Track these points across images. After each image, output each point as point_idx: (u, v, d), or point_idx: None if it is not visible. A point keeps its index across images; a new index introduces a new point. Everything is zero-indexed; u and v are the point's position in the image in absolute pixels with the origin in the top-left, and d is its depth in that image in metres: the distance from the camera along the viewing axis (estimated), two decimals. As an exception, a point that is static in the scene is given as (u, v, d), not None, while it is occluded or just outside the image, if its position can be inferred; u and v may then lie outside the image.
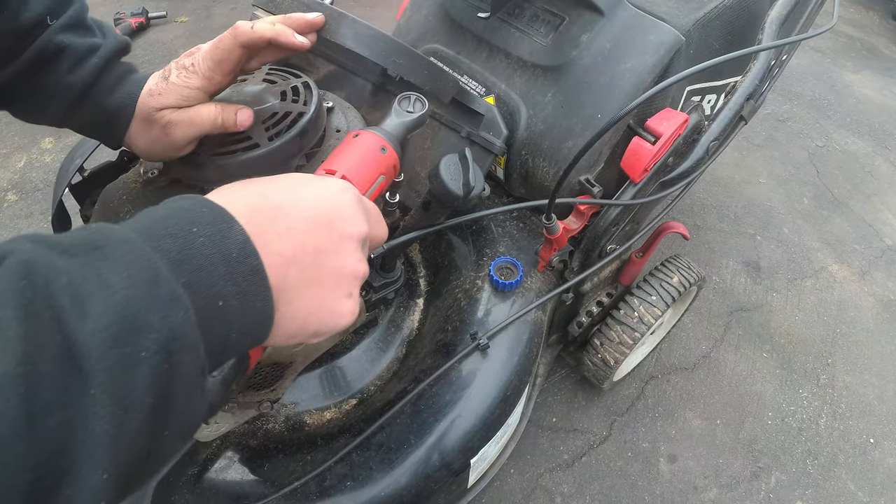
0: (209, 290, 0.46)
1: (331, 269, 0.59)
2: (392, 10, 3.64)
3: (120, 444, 0.38)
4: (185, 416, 0.44)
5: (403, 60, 0.90)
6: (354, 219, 0.62)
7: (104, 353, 0.37)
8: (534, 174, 1.32)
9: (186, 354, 0.43)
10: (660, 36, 1.20)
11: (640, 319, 1.50)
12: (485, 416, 1.12)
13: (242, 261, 0.49)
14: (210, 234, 0.48)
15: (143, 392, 0.39)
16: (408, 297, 1.34)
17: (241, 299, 0.48)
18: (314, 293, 0.57)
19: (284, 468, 1.06)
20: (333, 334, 0.62)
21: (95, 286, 0.39)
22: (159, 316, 0.41)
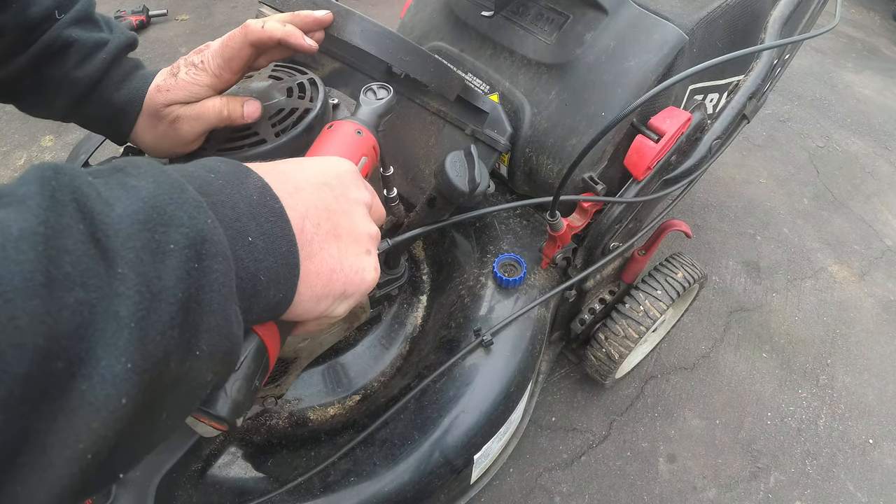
0: (234, 223, 0.46)
1: (345, 227, 0.60)
2: (393, 8, 3.66)
3: (148, 334, 0.36)
4: (219, 338, 0.42)
5: (409, 58, 0.91)
6: (357, 186, 0.65)
7: (132, 235, 0.36)
8: (538, 172, 1.32)
9: (217, 263, 0.41)
10: (663, 35, 1.20)
11: (645, 313, 1.50)
12: (488, 413, 1.13)
13: (263, 202, 0.50)
14: (228, 178, 0.49)
15: (172, 282, 0.38)
16: (411, 293, 1.34)
17: (266, 240, 0.48)
18: (334, 249, 0.58)
19: (288, 464, 1.06)
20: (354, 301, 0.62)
21: (121, 189, 0.39)
22: (188, 215, 0.40)
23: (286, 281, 0.51)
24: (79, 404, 0.32)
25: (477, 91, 1.20)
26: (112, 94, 0.89)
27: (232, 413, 0.55)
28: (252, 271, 0.47)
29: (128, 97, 0.90)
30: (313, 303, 0.57)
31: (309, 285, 0.55)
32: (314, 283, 0.56)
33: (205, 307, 0.40)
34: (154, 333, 0.36)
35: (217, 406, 0.54)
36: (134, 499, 0.96)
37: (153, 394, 0.37)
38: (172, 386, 0.39)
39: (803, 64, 3.66)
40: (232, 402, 0.55)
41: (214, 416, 0.54)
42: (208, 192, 0.46)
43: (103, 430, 0.34)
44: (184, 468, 1.03)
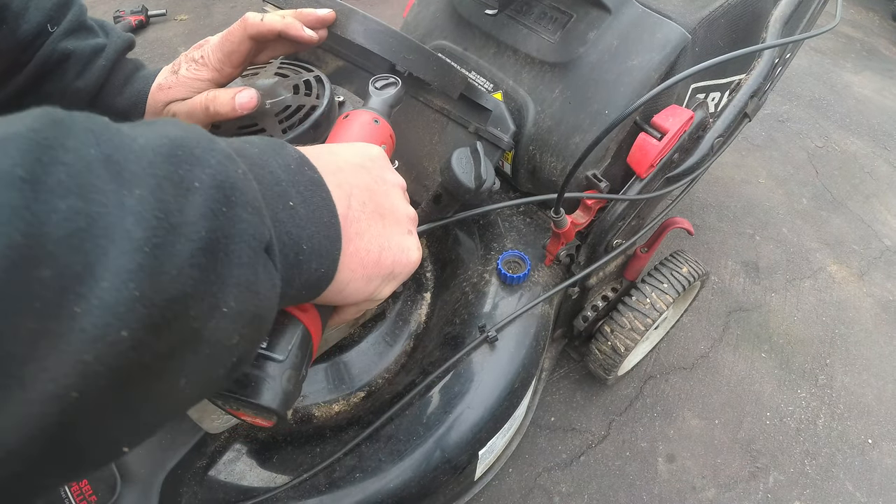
0: (274, 185, 0.45)
1: (387, 206, 0.60)
2: (393, 7, 3.66)
3: (163, 265, 0.32)
4: (248, 294, 0.39)
5: (413, 56, 0.91)
6: (390, 170, 0.65)
7: (155, 163, 0.34)
8: (541, 169, 1.32)
9: (248, 213, 0.39)
10: (666, 34, 1.21)
11: (652, 306, 1.51)
12: (493, 408, 1.13)
13: (302, 171, 0.49)
14: (264, 147, 0.48)
15: (195, 218, 0.35)
16: (415, 290, 1.35)
17: (307, 207, 0.47)
18: (380, 227, 0.57)
19: (293, 460, 1.06)
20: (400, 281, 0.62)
21: (146, 128, 0.36)
22: (216, 160, 0.38)
23: (328, 254, 0.50)
24: (68, 328, 0.28)
25: (480, 89, 1.20)
26: (115, 99, 0.89)
27: (283, 404, 0.53)
28: (295, 237, 0.45)
29: (131, 101, 0.89)
30: (364, 282, 0.56)
31: (361, 263, 0.55)
32: (366, 260, 0.55)
33: (233, 258, 0.37)
34: (170, 267, 0.32)
35: (266, 397, 0.52)
36: (139, 495, 0.96)
37: (168, 346, 0.34)
38: (193, 344, 0.36)
39: (802, 64, 3.66)
40: (283, 393, 0.53)
41: (265, 408, 0.52)
42: (244, 155, 0.44)
43: (96, 366, 0.30)
44: (189, 465, 1.03)
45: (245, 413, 0.55)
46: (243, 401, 0.53)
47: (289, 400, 0.54)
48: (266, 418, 0.55)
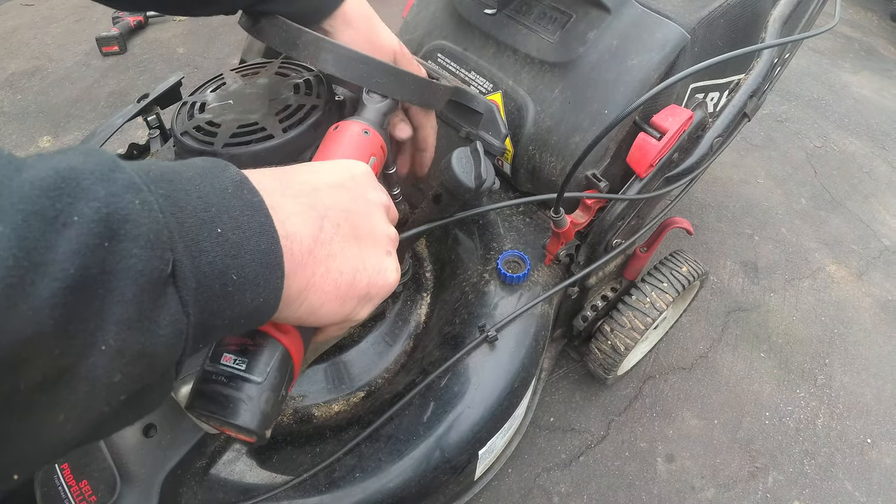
0: (200, 212, 0.42)
1: (364, 228, 0.59)
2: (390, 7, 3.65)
3: (16, 305, 0.31)
4: (131, 333, 0.37)
5: (386, 79, 0.89)
6: (373, 188, 0.64)
7: (27, 199, 0.32)
8: (541, 169, 1.32)
9: (139, 248, 0.36)
10: (666, 34, 1.21)
11: (652, 305, 1.51)
12: (493, 408, 1.13)
13: (239, 195, 0.46)
14: (202, 171, 0.45)
15: (65, 255, 0.33)
16: (415, 290, 1.35)
17: (240, 234, 0.44)
18: (355, 249, 0.57)
19: (293, 460, 1.06)
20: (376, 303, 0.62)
21: (41, 160, 0.35)
22: (107, 191, 0.36)
23: (266, 284, 0.47)
24: None
25: (470, 92, 1.18)
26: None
27: (261, 425, 0.54)
28: (220, 267, 0.43)
29: None
30: (338, 304, 0.56)
31: (334, 285, 0.54)
32: (339, 282, 0.55)
33: (115, 295, 0.35)
34: (25, 307, 0.31)
35: (244, 418, 0.53)
36: (139, 496, 0.96)
37: (32, 382, 0.33)
38: (66, 381, 0.35)
39: (801, 64, 3.66)
40: (261, 414, 0.54)
41: (243, 428, 0.53)
42: (171, 180, 0.42)
43: None
44: (188, 465, 1.03)
45: (228, 430, 0.56)
46: (223, 421, 0.54)
47: (267, 420, 0.55)
48: (247, 436, 0.55)
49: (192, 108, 1.01)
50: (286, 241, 0.49)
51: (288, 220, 0.51)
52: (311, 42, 0.86)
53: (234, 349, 0.57)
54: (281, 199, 0.51)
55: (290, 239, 0.50)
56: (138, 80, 3.08)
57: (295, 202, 0.53)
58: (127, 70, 3.15)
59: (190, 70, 3.15)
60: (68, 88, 3.02)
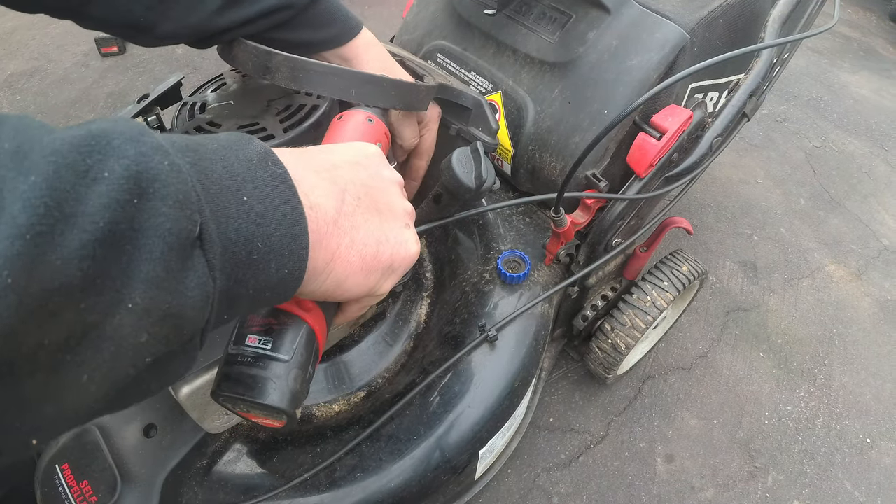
0: (226, 180, 0.43)
1: (384, 201, 0.60)
2: (390, 8, 3.66)
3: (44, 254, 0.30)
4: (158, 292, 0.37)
5: (365, 89, 0.89)
6: (387, 167, 0.65)
7: (59, 152, 0.33)
8: (541, 169, 1.32)
9: (168, 206, 0.37)
10: (665, 34, 1.21)
11: (652, 303, 1.51)
12: (493, 408, 1.13)
13: (264, 166, 0.46)
14: (226, 142, 0.46)
15: (95, 208, 0.33)
16: (415, 290, 1.35)
17: (265, 203, 0.45)
18: (377, 221, 0.58)
19: (294, 460, 1.07)
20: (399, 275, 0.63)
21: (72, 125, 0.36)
22: (137, 150, 0.36)
23: (291, 254, 0.47)
24: None
25: (456, 88, 1.16)
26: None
27: (291, 404, 0.54)
28: (246, 234, 0.43)
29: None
30: (363, 275, 0.56)
31: (359, 255, 0.55)
32: (364, 253, 0.55)
33: (143, 253, 0.36)
34: (54, 257, 0.31)
35: (272, 397, 0.53)
36: (139, 496, 0.96)
37: (58, 339, 0.33)
38: (93, 339, 0.35)
39: (800, 64, 3.67)
40: (290, 392, 0.54)
41: (272, 408, 0.53)
42: (196, 150, 0.42)
43: None
44: (189, 465, 1.03)
45: (255, 415, 0.56)
46: (251, 402, 0.53)
47: (296, 399, 0.55)
48: (276, 418, 0.55)
49: (192, 108, 1.01)
50: (311, 212, 0.50)
51: (312, 192, 0.51)
52: (283, 63, 0.85)
53: (257, 330, 0.57)
54: (303, 171, 0.52)
55: (315, 209, 0.51)
56: (137, 81, 3.08)
57: (317, 176, 0.53)
58: (126, 71, 3.15)
59: (189, 70, 3.15)
60: (67, 89, 3.02)
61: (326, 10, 0.92)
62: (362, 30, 0.97)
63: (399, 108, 0.95)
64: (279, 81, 0.86)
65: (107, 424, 1.00)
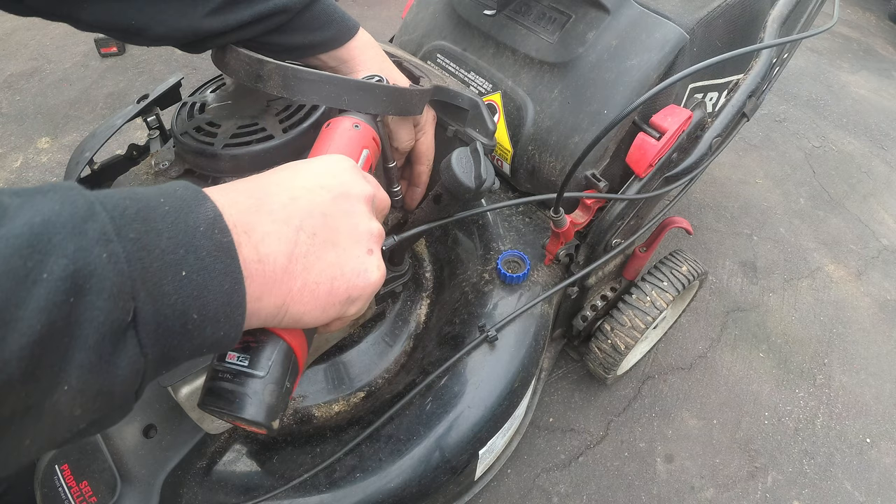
0: (167, 254, 0.44)
1: (344, 230, 0.60)
2: (389, 9, 3.66)
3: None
4: (91, 375, 0.40)
5: (357, 96, 0.88)
6: (356, 181, 0.64)
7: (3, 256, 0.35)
8: (540, 169, 1.33)
9: (102, 300, 0.39)
10: (664, 34, 1.21)
11: (652, 304, 1.51)
12: (493, 408, 1.13)
13: (210, 235, 0.47)
14: (178, 205, 0.47)
15: (33, 312, 0.36)
16: (414, 290, 1.35)
17: (204, 275, 0.46)
18: (332, 255, 0.58)
19: (293, 461, 1.07)
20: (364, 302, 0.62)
21: (25, 208, 0.38)
22: (76, 246, 0.38)
23: (227, 320, 0.49)
24: None
25: (452, 90, 1.15)
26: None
27: (267, 416, 0.56)
28: (181, 309, 0.45)
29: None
30: (319, 312, 0.57)
31: (312, 296, 0.56)
32: (317, 293, 0.56)
33: (77, 343, 0.38)
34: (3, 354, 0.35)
35: (249, 411, 0.56)
36: (139, 496, 0.96)
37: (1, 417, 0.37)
38: (32, 414, 0.38)
39: (799, 64, 3.67)
40: (266, 407, 0.57)
41: (250, 421, 0.56)
42: (146, 218, 0.44)
43: None
44: (189, 465, 1.03)
45: (239, 423, 0.59)
46: (231, 415, 0.57)
47: (272, 412, 0.57)
48: (257, 427, 0.58)
49: (191, 108, 1.01)
50: (259, 265, 0.51)
51: (262, 241, 0.52)
52: (274, 71, 0.85)
53: (237, 347, 0.59)
54: (256, 217, 0.53)
55: (264, 262, 0.52)
56: (137, 81, 3.08)
57: (271, 219, 0.54)
58: (126, 71, 3.15)
59: (189, 71, 3.15)
60: (67, 90, 3.02)
61: (323, 13, 0.92)
62: (359, 31, 0.97)
63: (393, 114, 0.94)
64: (271, 90, 0.86)
65: (106, 425, 1.00)
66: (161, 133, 1.26)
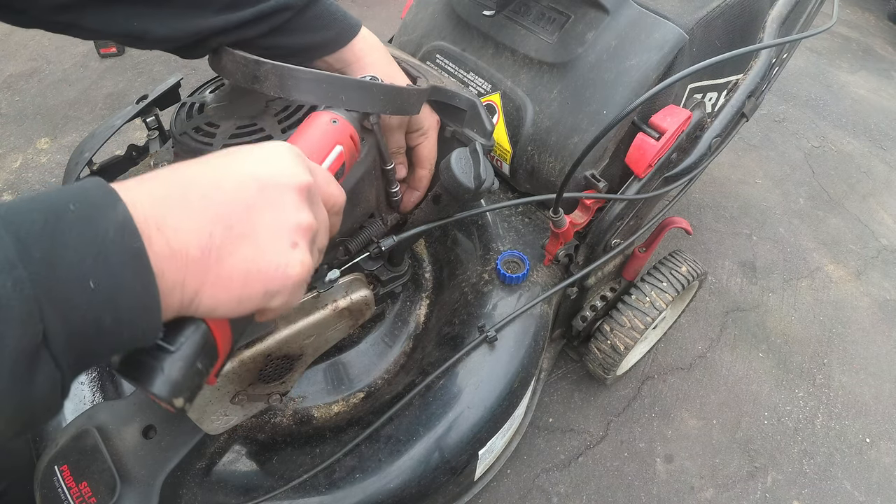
0: (76, 266, 0.44)
1: (266, 223, 0.58)
2: (389, 9, 3.66)
3: None
4: (10, 396, 0.41)
5: (354, 95, 0.88)
6: (292, 171, 0.62)
7: None
8: (540, 169, 1.33)
9: (11, 328, 0.39)
10: (664, 34, 1.21)
11: (651, 304, 1.51)
12: (493, 408, 1.13)
13: (120, 241, 0.46)
14: (89, 211, 0.46)
15: None
16: (414, 291, 1.35)
17: (114, 282, 0.45)
18: (249, 249, 0.56)
19: (293, 461, 1.07)
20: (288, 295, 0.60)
21: None
22: None
23: (143, 320, 0.48)
24: None
25: (450, 90, 1.14)
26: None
27: (170, 391, 0.54)
28: (93, 318, 0.44)
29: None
30: (235, 304, 0.56)
31: (225, 288, 0.54)
32: (229, 286, 0.55)
33: None
34: None
35: (152, 384, 0.54)
36: (139, 497, 0.96)
37: None
38: None
39: (798, 64, 3.67)
40: (170, 382, 0.54)
41: (153, 394, 0.54)
42: (53, 232, 0.43)
43: None
44: (188, 466, 1.03)
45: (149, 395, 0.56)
46: (137, 385, 0.55)
47: (176, 388, 0.55)
48: (163, 403, 0.56)
49: (190, 109, 1.01)
50: (171, 260, 0.50)
51: (174, 237, 0.51)
52: (271, 71, 0.85)
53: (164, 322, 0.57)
54: (170, 210, 0.52)
55: (176, 256, 0.51)
56: (136, 82, 3.08)
57: (185, 210, 0.53)
58: (125, 71, 3.15)
59: (188, 71, 3.14)
60: (66, 90, 3.02)
61: (325, 12, 0.91)
62: (362, 30, 0.97)
63: (390, 113, 0.94)
64: (268, 90, 0.86)
65: (106, 426, 1.00)
66: (160, 133, 1.26)
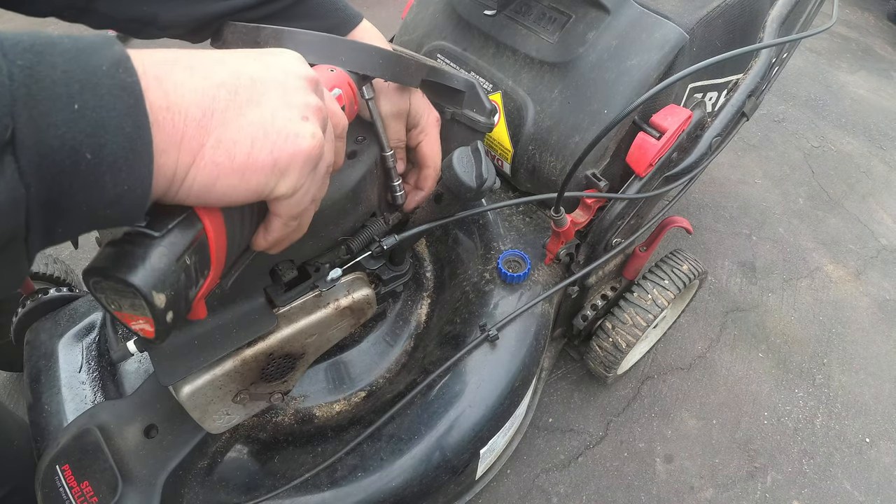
0: (60, 86, 0.40)
1: (273, 94, 0.54)
2: (389, 9, 3.66)
3: None
4: None
5: (353, 55, 0.88)
6: (298, 64, 0.59)
7: None
8: (541, 169, 1.33)
9: None
10: (665, 34, 1.22)
11: (653, 302, 1.52)
12: (494, 407, 1.13)
13: (112, 74, 0.42)
14: (84, 45, 0.42)
15: None
16: (415, 290, 1.35)
17: (101, 112, 0.41)
18: (255, 115, 0.52)
19: (294, 460, 1.07)
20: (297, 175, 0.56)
21: None
22: None
23: (130, 169, 0.43)
24: None
25: (447, 71, 1.12)
26: None
27: (151, 284, 0.48)
28: (71, 143, 0.40)
29: None
30: (238, 177, 0.51)
31: (227, 155, 0.50)
32: (232, 152, 0.50)
33: None
34: None
35: (135, 273, 0.48)
36: (141, 496, 0.96)
37: None
38: None
39: (798, 64, 3.67)
40: (152, 271, 0.49)
41: (128, 283, 0.48)
42: (42, 52, 0.40)
43: None
44: (190, 465, 1.03)
45: (125, 312, 0.52)
46: (113, 280, 0.49)
47: (156, 280, 0.49)
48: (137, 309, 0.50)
49: None
50: (167, 114, 0.46)
51: (174, 90, 0.47)
52: (271, 35, 0.85)
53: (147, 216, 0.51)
54: (173, 70, 0.48)
55: (173, 111, 0.47)
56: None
57: (189, 73, 0.49)
58: (124, 71, 3.14)
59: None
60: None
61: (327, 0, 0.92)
62: (362, 20, 0.97)
63: (388, 79, 0.93)
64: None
65: (108, 425, 1.00)
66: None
